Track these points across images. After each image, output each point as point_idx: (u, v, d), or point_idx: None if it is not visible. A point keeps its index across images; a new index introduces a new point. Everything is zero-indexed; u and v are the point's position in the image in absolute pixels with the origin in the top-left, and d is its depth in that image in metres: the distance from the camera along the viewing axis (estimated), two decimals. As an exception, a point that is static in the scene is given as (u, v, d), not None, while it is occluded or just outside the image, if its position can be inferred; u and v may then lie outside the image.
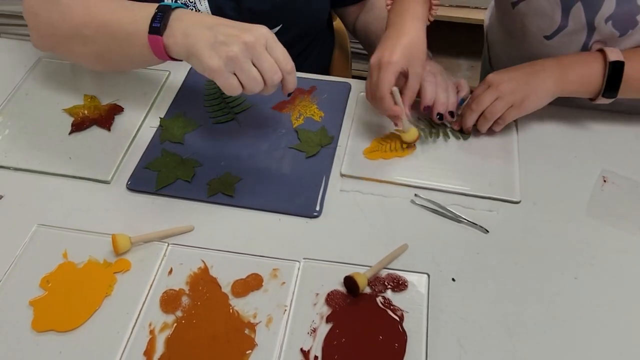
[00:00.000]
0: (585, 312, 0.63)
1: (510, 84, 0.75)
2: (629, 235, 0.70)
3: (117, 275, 0.65)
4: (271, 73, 0.65)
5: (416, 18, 0.75)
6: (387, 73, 0.72)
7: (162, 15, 0.67)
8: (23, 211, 0.72)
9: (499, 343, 0.60)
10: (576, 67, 0.76)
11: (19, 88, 0.88)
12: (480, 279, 0.66)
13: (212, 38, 0.63)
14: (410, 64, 0.73)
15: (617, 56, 0.73)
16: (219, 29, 0.64)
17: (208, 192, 0.73)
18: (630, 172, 0.77)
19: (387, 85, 0.72)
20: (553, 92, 0.76)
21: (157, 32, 0.66)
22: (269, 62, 0.64)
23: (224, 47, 0.63)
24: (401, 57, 0.72)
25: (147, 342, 0.60)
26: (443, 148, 0.80)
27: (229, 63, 0.63)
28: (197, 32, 0.65)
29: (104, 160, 0.77)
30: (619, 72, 0.73)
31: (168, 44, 0.67)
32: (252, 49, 0.63)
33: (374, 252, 0.67)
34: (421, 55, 0.74)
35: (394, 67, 0.72)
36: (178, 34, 0.66)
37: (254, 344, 0.60)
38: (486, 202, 0.73)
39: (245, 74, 0.64)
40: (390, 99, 0.74)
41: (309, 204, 0.72)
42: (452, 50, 1.87)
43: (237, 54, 0.62)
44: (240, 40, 0.63)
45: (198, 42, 0.64)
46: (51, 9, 0.74)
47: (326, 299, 0.63)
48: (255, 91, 0.66)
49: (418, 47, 0.74)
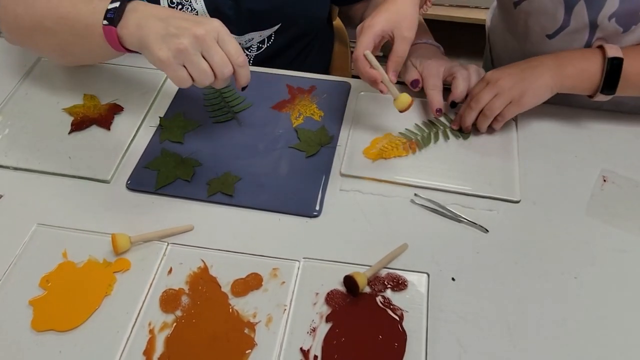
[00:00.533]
0: (585, 311, 0.63)
1: (508, 79, 0.76)
2: (628, 234, 0.70)
3: (117, 274, 0.65)
4: (221, 66, 0.65)
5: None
6: (364, 36, 0.72)
7: (118, 6, 0.67)
8: (23, 211, 0.72)
9: (498, 342, 0.60)
10: (574, 62, 0.76)
11: (18, 88, 0.88)
12: (480, 278, 0.66)
13: (164, 30, 0.64)
14: (395, 27, 0.72)
15: (616, 53, 0.73)
16: (171, 21, 0.64)
17: (208, 191, 0.73)
18: (630, 172, 0.77)
19: (362, 47, 0.72)
20: (551, 87, 0.76)
21: (112, 23, 0.67)
22: (219, 55, 0.65)
23: (174, 40, 0.63)
24: (383, 20, 0.72)
25: (147, 342, 0.60)
26: (443, 148, 0.80)
27: (178, 55, 0.63)
28: (150, 24, 0.65)
29: (104, 160, 0.77)
30: (618, 69, 0.73)
31: (122, 35, 0.67)
32: (202, 42, 0.63)
33: (373, 251, 0.67)
34: (409, 20, 0.73)
35: (373, 29, 0.72)
36: (131, 25, 0.66)
37: (254, 344, 0.60)
38: (486, 201, 0.73)
39: (195, 66, 0.64)
40: (365, 62, 0.73)
41: (309, 204, 0.72)
42: (452, 50, 1.86)
43: (186, 47, 0.63)
44: (190, 32, 0.63)
45: (150, 34, 0.64)
46: (17, 2, 0.75)
47: (326, 299, 0.63)
48: (206, 84, 0.66)
49: (406, 12, 0.73)
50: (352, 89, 0.89)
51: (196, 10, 0.85)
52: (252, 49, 0.94)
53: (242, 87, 0.70)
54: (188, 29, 0.63)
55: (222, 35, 0.65)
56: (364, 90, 0.89)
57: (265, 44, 0.94)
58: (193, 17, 0.66)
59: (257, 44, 0.94)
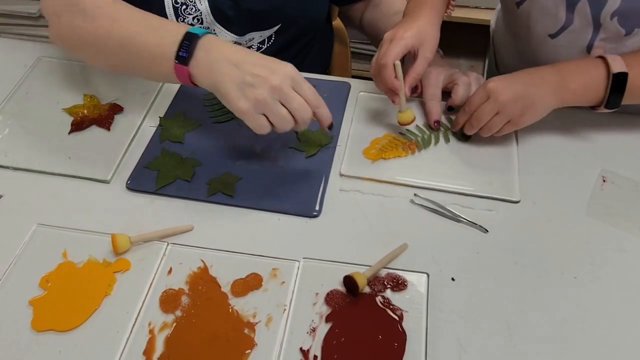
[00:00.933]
0: (584, 311, 0.63)
1: (510, 97, 0.73)
2: (628, 235, 0.70)
3: (117, 274, 0.65)
4: (301, 112, 0.66)
5: (434, 9, 0.78)
6: (396, 46, 0.74)
7: (189, 44, 0.67)
8: (23, 211, 0.72)
9: (498, 342, 0.60)
10: (577, 77, 0.74)
11: (18, 87, 0.88)
12: (480, 278, 0.66)
13: (239, 78, 0.65)
14: (421, 45, 0.75)
15: (621, 67, 0.72)
16: (245, 68, 0.65)
17: (208, 191, 0.73)
18: (629, 172, 0.77)
19: (393, 56, 0.73)
20: (553, 106, 0.75)
21: (183, 62, 0.67)
22: (297, 101, 0.66)
23: (252, 90, 0.64)
24: (413, 35, 0.74)
25: (147, 342, 0.60)
26: (442, 148, 0.80)
27: (257, 105, 0.65)
28: (224, 69, 0.66)
29: (104, 160, 0.77)
30: (623, 84, 0.72)
31: (194, 74, 0.68)
32: (279, 91, 0.65)
33: (373, 251, 0.67)
34: (432, 42, 0.76)
35: (405, 41, 0.74)
36: (203, 66, 0.67)
37: (254, 344, 0.60)
38: (486, 201, 0.73)
39: (275, 114, 0.65)
40: (392, 70, 0.74)
41: (309, 204, 0.72)
42: (453, 50, 1.87)
43: (265, 97, 0.64)
44: (267, 83, 0.64)
45: (226, 81, 0.65)
46: (75, 15, 0.74)
47: (326, 299, 0.63)
48: (287, 129, 0.67)
49: (431, 34, 0.76)
50: (352, 89, 0.89)
51: (200, 11, 0.86)
52: (252, 49, 0.95)
53: (329, 127, 0.71)
54: (264, 78, 0.64)
55: (297, 80, 0.66)
56: (363, 91, 0.89)
57: (265, 44, 0.94)
58: (265, 61, 0.67)
59: (257, 44, 0.94)
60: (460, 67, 1.84)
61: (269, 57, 0.67)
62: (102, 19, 0.72)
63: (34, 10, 1.87)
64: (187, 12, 0.86)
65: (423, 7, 0.78)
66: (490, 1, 0.96)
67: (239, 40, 0.92)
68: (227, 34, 0.90)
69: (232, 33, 0.90)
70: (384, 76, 0.75)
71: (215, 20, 0.88)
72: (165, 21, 0.72)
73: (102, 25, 0.72)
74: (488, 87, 0.75)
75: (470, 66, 1.93)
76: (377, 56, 0.76)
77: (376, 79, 0.78)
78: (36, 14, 1.88)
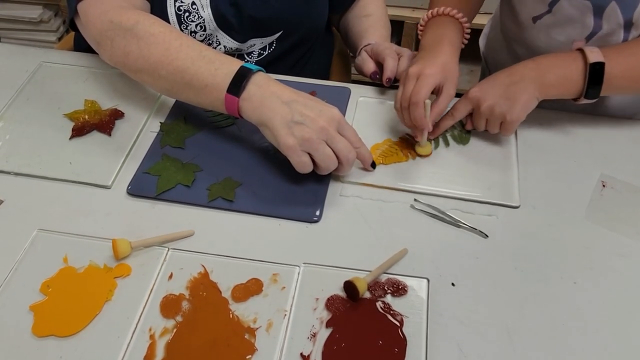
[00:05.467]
0: (584, 316, 0.63)
1: (492, 100, 0.75)
2: (628, 239, 0.70)
3: (118, 280, 0.66)
4: (346, 153, 0.69)
5: (452, 44, 0.79)
6: (426, 83, 0.74)
7: (243, 78, 0.70)
8: (23, 216, 0.72)
9: (498, 348, 0.60)
10: (555, 70, 0.75)
11: (20, 93, 0.89)
12: (480, 283, 0.66)
13: (289, 116, 0.67)
14: (445, 82, 0.76)
15: (597, 57, 0.73)
16: (295, 107, 0.68)
17: (208, 196, 0.74)
18: (629, 177, 0.77)
19: (425, 94, 0.74)
20: (536, 97, 0.75)
21: (234, 93, 0.70)
22: (342, 143, 0.69)
23: (300, 128, 0.67)
24: (438, 73, 0.75)
25: (147, 347, 0.60)
26: (442, 153, 0.81)
27: (304, 143, 0.67)
28: (274, 105, 0.68)
29: (105, 165, 0.78)
30: (600, 74, 0.73)
31: (242, 106, 0.70)
32: (326, 132, 0.67)
33: (373, 256, 0.67)
34: (455, 79, 0.77)
35: (433, 78, 0.75)
36: (254, 100, 0.69)
37: (254, 349, 0.60)
38: (485, 206, 0.73)
39: (320, 154, 0.68)
40: (423, 109, 0.75)
41: (309, 209, 0.72)
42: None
43: (312, 136, 0.67)
44: (316, 124, 0.67)
45: (275, 117, 0.68)
46: (129, 40, 0.75)
47: (326, 304, 0.63)
48: (331, 169, 0.70)
49: (453, 70, 0.77)
50: (352, 95, 0.89)
51: (203, 18, 0.86)
52: (253, 55, 0.95)
53: (372, 165, 0.75)
54: (313, 119, 0.67)
55: (342, 123, 0.69)
56: (363, 96, 0.89)
57: (266, 50, 0.95)
58: (314, 102, 0.69)
59: (259, 50, 0.95)
60: (459, 71, 1.84)
61: (317, 99, 0.70)
62: (155, 48, 0.73)
63: (35, 15, 1.88)
64: (189, 19, 0.86)
65: (442, 43, 0.78)
66: (487, 6, 0.96)
67: (240, 46, 0.92)
68: (230, 40, 0.90)
69: (234, 40, 0.90)
70: (414, 114, 0.75)
71: (218, 26, 0.88)
72: (217, 52, 0.74)
73: (155, 53, 0.73)
74: (470, 96, 0.78)
75: (470, 70, 1.94)
76: (403, 92, 0.76)
77: (402, 112, 0.78)
78: (37, 19, 1.88)
